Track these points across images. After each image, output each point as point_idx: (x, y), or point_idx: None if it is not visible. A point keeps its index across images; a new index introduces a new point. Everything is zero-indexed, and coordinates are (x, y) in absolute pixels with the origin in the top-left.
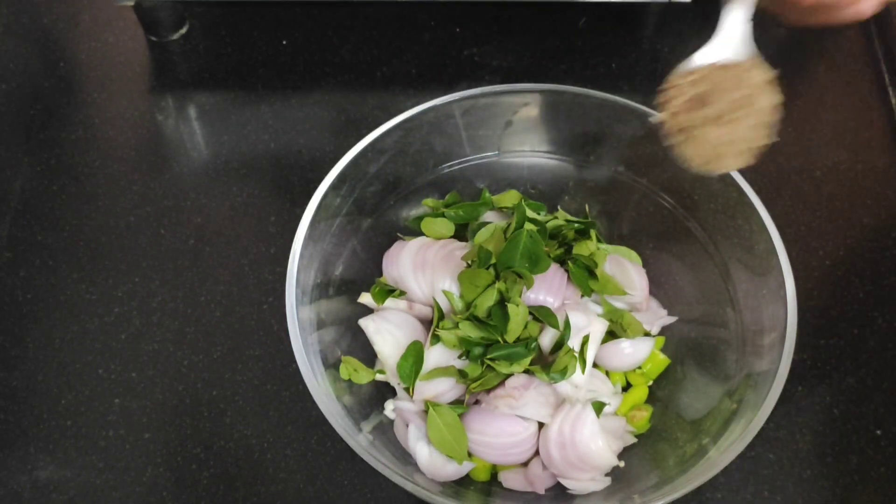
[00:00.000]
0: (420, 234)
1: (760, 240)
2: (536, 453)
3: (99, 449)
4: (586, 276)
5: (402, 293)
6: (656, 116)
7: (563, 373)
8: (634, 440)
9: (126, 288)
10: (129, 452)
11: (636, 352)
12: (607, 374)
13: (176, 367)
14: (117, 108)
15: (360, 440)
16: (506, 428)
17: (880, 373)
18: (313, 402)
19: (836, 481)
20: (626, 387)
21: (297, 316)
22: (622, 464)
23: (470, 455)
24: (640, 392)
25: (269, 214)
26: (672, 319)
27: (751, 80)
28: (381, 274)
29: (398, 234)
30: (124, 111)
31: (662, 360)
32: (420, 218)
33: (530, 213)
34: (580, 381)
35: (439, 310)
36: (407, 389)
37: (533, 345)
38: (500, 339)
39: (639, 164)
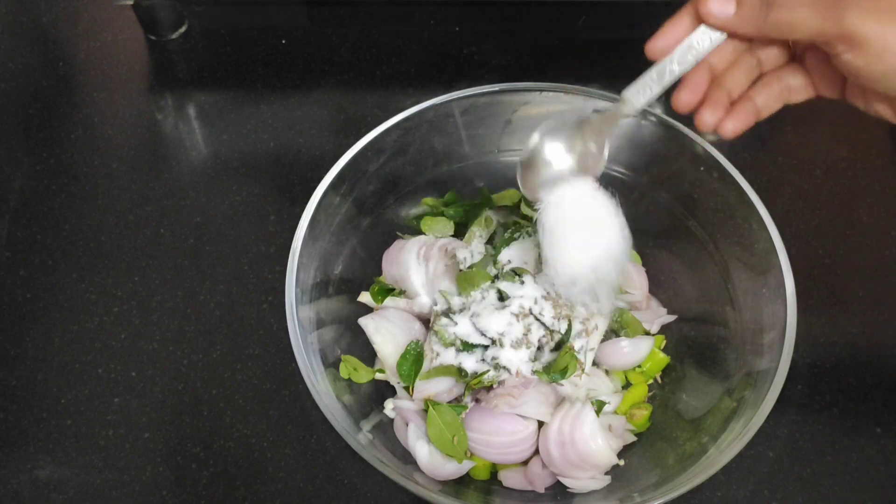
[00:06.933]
0: (420, 232)
1: (760, 238)
2: (536, 452)
3: (98, 448)
4: None
5: (402, 292)
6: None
7: (564, 372)
8: (634, 439)
9: (125, 287)
10: (129, 452)
11: (636, 350)
12: (607, 372)
13: (175, 367)
14: (117, 108)
15: (359, 439)
16: (505, 427)
17: (880, 371)
18: (313, 402)
19: (835, 479)
20: (626, 385)
21: (297, 315)
22: (622, 462)
23: (470, 454)
24: (639, 390)
25: (269, 214)
26: (672, 318)
27: None
28: (380, 273)
29: (398, 233)
30: (124, 110)
31: (662, 359)
32: (420, 217)
33: (530, 212)
34: (580, 380)
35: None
36: (406, 388)
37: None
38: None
39: (638, 162)
